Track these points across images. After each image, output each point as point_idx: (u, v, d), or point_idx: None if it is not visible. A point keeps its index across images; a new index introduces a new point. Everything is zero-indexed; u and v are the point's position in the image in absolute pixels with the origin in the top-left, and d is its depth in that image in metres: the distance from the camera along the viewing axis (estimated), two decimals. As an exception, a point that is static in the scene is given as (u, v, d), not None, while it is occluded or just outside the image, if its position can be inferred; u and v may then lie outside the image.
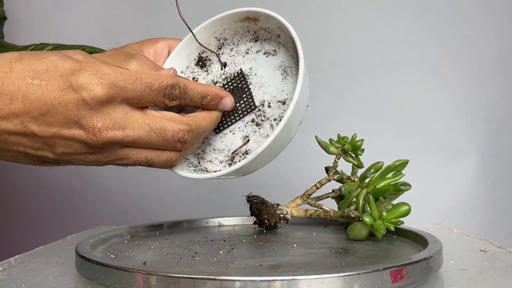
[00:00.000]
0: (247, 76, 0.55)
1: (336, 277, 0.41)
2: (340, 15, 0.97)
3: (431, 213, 0.93)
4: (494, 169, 0.97)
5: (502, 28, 0.95)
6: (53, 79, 0.45)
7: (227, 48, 0.57)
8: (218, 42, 0.57)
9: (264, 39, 0.55)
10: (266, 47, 0.55)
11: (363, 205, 0.60)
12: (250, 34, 0.56)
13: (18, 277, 0.50)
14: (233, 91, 0.55)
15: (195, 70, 0.58)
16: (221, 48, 0.57)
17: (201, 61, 0.58)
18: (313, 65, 0.98)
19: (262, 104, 0.54)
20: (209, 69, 0.58)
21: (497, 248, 0.60)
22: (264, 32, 0.55)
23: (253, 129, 0.54)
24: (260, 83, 0.55)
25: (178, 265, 0.49)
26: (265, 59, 0.55)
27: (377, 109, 0.97)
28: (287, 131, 0.51)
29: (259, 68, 0.55)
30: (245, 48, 0.56)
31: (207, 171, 0.55)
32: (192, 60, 0.59)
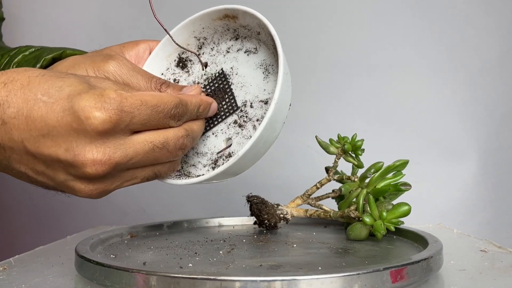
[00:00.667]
0: (229, 76, 0.54)
1: (336, 277, 0.41)
2: (340, 15, 0.97)
3: (431, 213, 0.93)
4: (495, 169, 0.96)
5: (502, 28, 0.95)
6: (60, 99, 0.42)
7: (208, 47, 0.56)
8: (198, 42, 0.56)
9: (245, 37, 0.54)
10: (247, 45, 0.54)
11: (363, 205, 0.60)
12: (230, 33, 0.55)
13: (18, 277, 0.50)
14: (215, 92, 0.54)
15: (176, 72, 0.57)
16: (201, 47, 0.56)
17: (181, 62, 0.57)
18: (313, 65, 0.98)
19: (244, 105, 0.53)
20: (190, 70, 0.57)
21: (497, 248, 0.60)
22: (244, 29, 0.54)
23: (236, 131, 0.53)
24: (241, 83, 0.53)
25: (178, 265, 0.49)
26: (246, 58, 0.54)
27: (377, 109, 0.97)
28: (270, 131, 0.49)
29: (240, 67, 0.54)
30: (225, 47, 0.55)
31: (190, 176, 0.54)
32: (172, 62, 0.57)
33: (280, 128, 0.52)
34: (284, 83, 0.49)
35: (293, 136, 0.97)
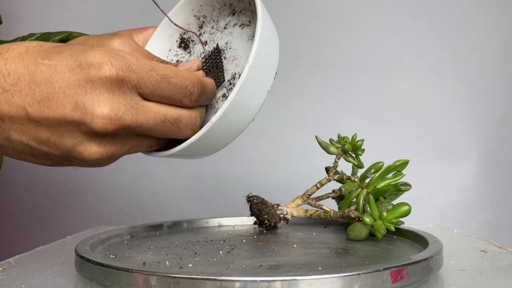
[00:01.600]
0: (223, 51, 0.52)
1: (336, 277, 0.41)
2: (340, 15, 0.97)
3: (431, 213, 0.93)
4: (495, 169, 0.96)
5: (503, 27, 0.95)
6: (64, 59, 0.42)
7: (208, 26, 0.55)
8: (198, 21, 0.55)
9: (240, 11, 0.53)
10: (242, 19, 0.53)
11: (363, 205, 0.60)
12: (226, 8, 0.54)
13: (18, 277, 0.50)
14: (209, 69, 0.52)
15: (179, 53, 0.56)
16: (202, 26, 0.55)
17: (183, 43, 0.56)
18: (313, 65, 0.98)
19: (233, 77, 0.51)
20: (192, 50, 0.56)
21: (498, 248, 0.60)
22: (238, 2, 0.53)
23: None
24: (233, 56, 0.52)
25: (178, 265, 0.49)
26: (240, 31, 0.52)
27: (377, 109, 0.97)
28: (247, 96, 0.46)
29: (234, 41, 0.52)
30: (224, 23, 0.54)
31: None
32: (174, 42, 0.56)
33: (261, 98, 0.48)
34: (262, 46, 0.46)
35: (293, 136, 0.97)
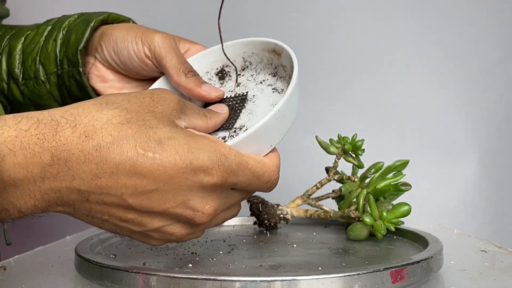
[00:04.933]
0: (247, 101, 0.55)
1: (337, 278, 0.41)
2: (340, 15, 0.97)
3: (432, 213, 0.93)
4: (495, 169, 0.96)
5: (503, 27, 0.95)
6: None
7: (248, 72, 0.57)
8: (243, 63, 0.58)
9: (280, 77, 0.56)
10: (278, 84, 0.55)
11: (363, 205, 0.60)
12: (271, 67, 0.56)
13: (17, 278, 0.50)
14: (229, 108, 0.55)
15: (213, 79, 0.58)
16: (244, 69, 0.58)
17: (221, 73, 0.58)
18: (313, 65, 0.97)
19: (240, 128, 0.53)
20: (224, 82, 0.58)
21: (498, 249, 0.60)
22: (282, 69, 0.55)
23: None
24: (252, 110, 0.54)
25: (178, 265, 0.49)
26: (270, 93, 0.55)
27: (377, 109, 0.97)
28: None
29: (260, 98, 0.55)
30: (262, 78, 0.56)
31: None
32: (214, 69, 0.59)
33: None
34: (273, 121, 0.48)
35: (293, 136, 0.97)
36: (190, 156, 0.41)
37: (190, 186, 0.42)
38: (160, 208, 0.42)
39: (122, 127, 0.40)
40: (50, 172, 0.39)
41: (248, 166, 0.45)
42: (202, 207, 0.43)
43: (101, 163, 0.39)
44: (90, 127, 0.40)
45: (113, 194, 0.40)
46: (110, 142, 0.40)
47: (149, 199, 0.41)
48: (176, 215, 0.42)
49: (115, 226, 0.43)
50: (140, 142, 0.40)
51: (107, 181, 0.40)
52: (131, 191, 0.40)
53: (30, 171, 0.38)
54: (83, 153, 0.39)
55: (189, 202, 0.42)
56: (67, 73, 0.61)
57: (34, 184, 0.39)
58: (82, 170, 0.39)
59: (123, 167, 0.40)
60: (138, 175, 0.40)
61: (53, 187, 0.39)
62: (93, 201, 0.41)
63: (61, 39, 0.63)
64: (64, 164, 0.39)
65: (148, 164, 0.40)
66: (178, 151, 0.41)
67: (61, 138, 0.39)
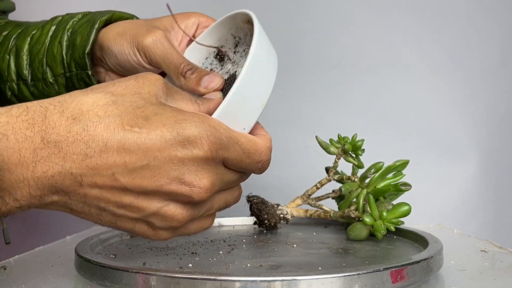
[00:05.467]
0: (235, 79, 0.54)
1: (336, 277, 0.41)
2: (340, 15, 0.97)
3: (432, 213, 0.93)
4: (495, 169, 0.96)
5: (503, 27, 0.95)
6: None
7: (241, 47, 0.56)
8: (234, 40, 0.57)
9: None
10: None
11: (363, 205, 0.60)
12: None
13: (17, 277, 0.50)
14: (226, 90, 0.54)
15: (214, 63, 0.58)
16: (236, 46, 0.57)
17: (219, 55, 0.58)
18: (313, 65, 0.97)
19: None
20: (224, 64, 0.57)
21: (498, 249, 0.60)
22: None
23: None
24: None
25: (178, 265, 0.49)
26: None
27: (377, 109, 0.97)
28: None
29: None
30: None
31: None
32: (212, 52, 0.58)
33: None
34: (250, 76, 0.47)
35: (293, 136, 0.97)
36: (176, 127, 0.41)
37: (181, 160, 0.41)
38: (154, 186, 0.41)
39: (108, 107, 0.41)
40: (41, 155, 0.39)
41: (239, 142, 0.45)
42: (198, 181, 0.42)
43: (89, 141, 0.40)
44: (77, 110, 0.40)
45: (105, 174, 0.40)
46: (96, 121, 0.40)
47: (141, 177, 0.41)
48: (172, 192, 0.42)
49: (114, 216, 0.43)
50: (127, 120, 0.41)
51: (97, 160, 0.40)
52: (122, 169, 0.40)
53: (22, 155, 0.39)
54: (71, 134, 0.40)
55: (184, 177, 0.42)
56: (76, 76, 0.62)
57: (27, 169, 0.39)
58: (72, 151, 0.40)
59: (111, 144, 0.40)
60: (127, 151, 0.40)
61: (46, 172, 0.39)
62: (86, 184, 0.40)
63: (66, 41, 0.63)
64: (54, 146, 0.39)
65: (135, 138, 0.40)
66: (164, 123, 0.41)
67: (50, 122, 0.40)
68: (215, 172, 0.43)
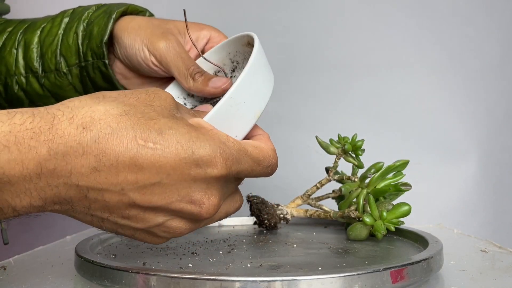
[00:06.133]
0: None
1: (336, 278, 0.41)
2: (340, 15, 0.97)
3: (432, 213, 0.93)
4: (495, 169, 0.96)
5: (503, 27, 0.95)
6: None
7: (238, 72, 0.57)
8: (232, 64, 0.58)
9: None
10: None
11: (363, 205, 0.60)
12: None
13: (17, 277, 0.50)
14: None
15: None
16: (234, 70, 0.58)
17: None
18: (313, 65, 0.98)
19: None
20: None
21: (498, 249, 0.60)
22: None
23: None
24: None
25: (178, 265, 0.49)
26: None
27: (377, 109, 0.97)
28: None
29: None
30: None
31: None
32: (216, 72, 0.59)
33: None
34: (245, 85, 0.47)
35: (293, 136, 0.97)
36: (192, 145, 0.40)
37: (193, 178, 0.40)
38: (163, 202, 0.40)
39: (121, 118, 0.39)
40: (47, 167, 0.37)
41: (247, 152, 0.44)
42: (207, 199, 0.42)
43: (99, 155, 0.38)
44: (87, 118, 0.38)
45: (113, 190, 0.39)
46: (109, 133, 0.38)
47: (152, 193, 0.40)
48: (181, 209, 0.41)
49: (116, 225, 0.42)
50: (140, 133, 0.39)
51: (106, 175, 0.38)
52: (132, 186, 0.39)
53: (25, 167, 0.37)
54: (81, 145, 0.38)
55: (193, 195, 0.41)
56: (92, 65, 0.62)
57: (30, 181, 0.37)
58: (80, 164, 0.38)
59: (122, 160, 0.38)
60: (139, 167, 0.39)
61: (50, 183, 0.38)
62: (92, 197, 0.39)
63: (83, 31, 0.63)
64: (62, 158, 0.37)
65: (149, 155, 0.39)
66: (179, 140, 0.40)
67: (57, 131, 0.38)
68: (223, 187, 0.43)
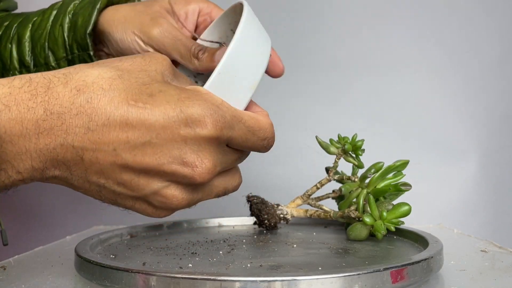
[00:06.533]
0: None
1: (336, 278, 0.41)
2: (340, 15, 0.97)
3: (432, 213, 0.93)
4: (495, 169, 0.96)
5: (503, 27, 0.95)
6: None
7: None
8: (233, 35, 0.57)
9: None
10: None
11: (363, 205, 0.60)
12: None
13: (17, 278, 0.50)
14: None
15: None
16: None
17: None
18: (313, 65, 0.98)
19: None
20: None
21: (498, 249, 0.60)
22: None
23: None
24: None
25: (178, 266, 0.49)
26: None
27: (377, 109, 0.97)
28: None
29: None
30: None
31: None
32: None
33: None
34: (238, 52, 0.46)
35: (293, 136, 0.97)
36: (181, 105, 0.41)
37: (183, 138, 0.41)
38: (155, 164, 0.41)
39: (113, 81, 0.41)
40: (44, 127, 0.39)
41: (243, 120, 0.44)
42: (200, 162, 0.41)
43: (92, 114, 0.39)
44: (81, 82, 0.40)
45: (106, 150, 0.40)
46: (101, 94, 0.40)
47: (143, 154, 0.40)
48: (173, 173, 0.41)
49: (114, 194, 0.42)
50: (132, 95, 0.40)
51: (99, 135, 0.40)
52: (124, 145, 0.40)
53: (25, 126, 0.39)
54: (74, 106, 0.39)
55: (185, 156, 0.41)
56: (78, 57, 0.62)
57: (29, 141, 0.39)
58: (75, 123, 0.39)
59: (113, 118, 0.40)
60: (129, 126, 0.40)
61: (48, 145, 0.39)
62: (87, 159, 0.40)
63: (68, 23, 0.63)
64: (57, 118, 0.39)
65: (139, 113, 0.40)
66: (168, 100, 0.41)
67: (53, 93, 0.39)
68: (217, 152, 0.43)
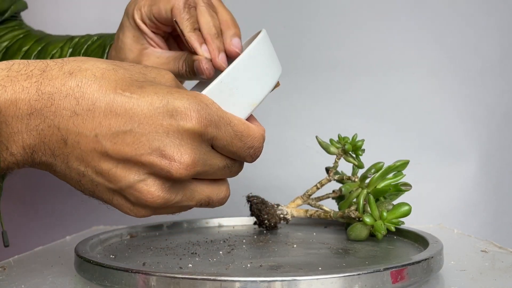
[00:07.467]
0: None
1: (337, 278, 0.41)
2: (340, 15, 0.97)
3: (432, 213, 0.93)
4: (495, 169, 0.96)
5: (503, 27, 0.95)
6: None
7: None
8: None
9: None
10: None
11: (363, 205, 0.60)
12: None
13: (17, 278, 0.50)
14: None
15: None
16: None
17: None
18: (313, 65, 0.98)
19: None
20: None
21: (498, 249, 0.60)
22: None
23: None
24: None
25: (177, 266, 0.49)
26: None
27: (377, 109, 0.97)
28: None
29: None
30: None
31: None
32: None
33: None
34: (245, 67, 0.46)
35: (293, 136, 0.97)
36: (169, 97, 0.41)
37: (166, 130, 0.40)
38: (134, 153, 0.40)
39: (107, 71, 0.41)
40: (35, 107, 0.40)
41: (231, 123, 0.43)
42: (179, 156, 0.41)
43: (79, 98, 0.40)
44: (75, 67, 0.41)
45: (88, 135, 0.40)
46: (91, 80, 0.41)
47: (122, 142, 0.40)
48: (151, 164, 0.41)
49: (92, 184, 0.42)
50: (122, 85, 0.41)
51: (83, 119, 0.40)
52: (105, 132, 0.40)
53: (18, 107, 0.40)
54: (65, 87, 0.40)
55: (165, 149, 0.40)
56: None
57: (21, 122, 0.40)
58: (63, 105, 0.40)
59: (99, 105, 0.40)
60: (113, 113, 0.40)
61: (38, 126, 0.40)
62: (70, 143, 0.41)
63: None
64: (48, 99, 0.40)
65: (124, 102, 0.40)
66: (157, 92, 0.41)
67: (47, 75, 0.41)
68: (199, 150, 0.42)
